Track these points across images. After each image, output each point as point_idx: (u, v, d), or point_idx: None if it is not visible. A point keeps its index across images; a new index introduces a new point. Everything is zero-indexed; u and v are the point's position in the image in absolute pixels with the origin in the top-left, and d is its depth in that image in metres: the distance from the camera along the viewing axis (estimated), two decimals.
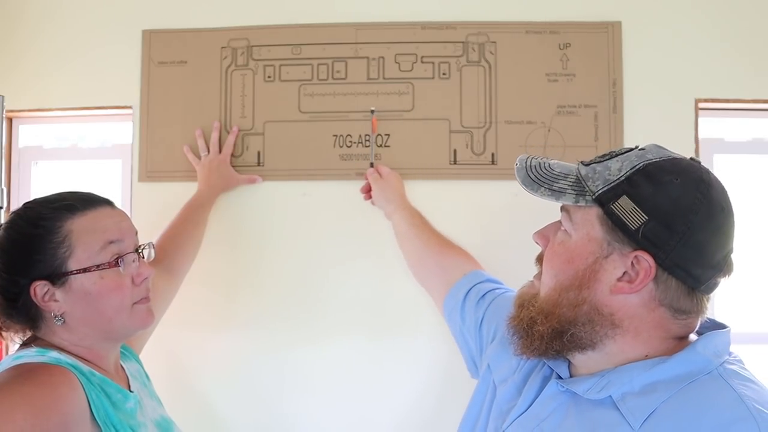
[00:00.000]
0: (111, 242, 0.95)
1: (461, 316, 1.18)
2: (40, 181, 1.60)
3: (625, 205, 0.79)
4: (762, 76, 1.44)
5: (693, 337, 0.83)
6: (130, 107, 1.51)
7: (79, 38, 1.53)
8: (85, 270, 0.93)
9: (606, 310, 0.81)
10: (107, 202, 1.00)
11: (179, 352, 1.47)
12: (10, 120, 1.57)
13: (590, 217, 0.81)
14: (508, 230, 1.41)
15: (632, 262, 0.79)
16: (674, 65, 1.44)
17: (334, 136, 1.47)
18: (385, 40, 1.47)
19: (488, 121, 1.45)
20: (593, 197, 0.81)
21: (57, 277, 0.92)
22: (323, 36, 1.48)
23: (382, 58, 1.47)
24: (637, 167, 0.80)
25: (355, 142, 1.47)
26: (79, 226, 0.94)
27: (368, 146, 1.46)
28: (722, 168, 1.49)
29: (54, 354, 0.92)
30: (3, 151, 1.36)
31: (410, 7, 1.48)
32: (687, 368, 0.78)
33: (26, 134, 1.60)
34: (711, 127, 1.49)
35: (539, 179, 0.85)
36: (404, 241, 1.38)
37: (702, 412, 0.73)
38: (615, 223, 0.79)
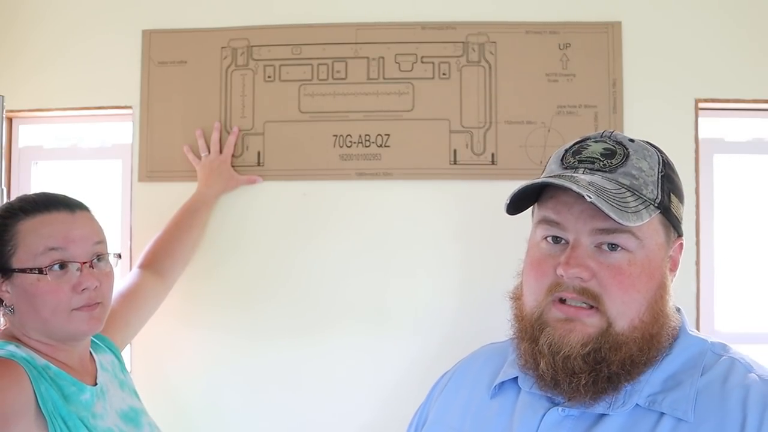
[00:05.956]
0: (52, 249, 0.98)
1: None
2: (40, 181, 1.59)
3: (674, 201, 0.81)
4: (762, 76, 1.44)
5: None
6: (130, 107, 1.51)
7: (79, 38, 1.52)
8: (22, 270, 0.97)
9: (672, 309, 0.81)
10: (68, 207, 1.02)
11: (179, 349, 1.47)
12: (10, 120, 1.57)
13: (654, 225, 0.78)
14: (509, 230, 1.41)
15: (673, 250, 0.82)
16: (674, 65, 1.44)
17: (334, 136, 1.47)
18: (385, 40, 1.47)
19: (488, 121, 1.45)
20: (656, 205, 0.78)
21: (4, 271, 0.98)
22: (323, 36, 1.48)
23: (382, 58, 1.47)
24: (661, 161, 0.81)
25: (355, 142, 1.46)
26: (26, 227, 0.99)
27: (368, 146, 1.46)
28: (722, 168, 1.49)
29: (11, 348, 0.96)
30: (3, 151, 1.36)
31: (410, 7, 1.47)
32: (690, 352, 0.79)
33: (26, 134, 1.60)
34: (711, 127, 1.48)
35: (619, 205, 0.74)
36: None
37: (740, 395, 0.74)
38: (672, 223, 0.81)
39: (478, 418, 0.88)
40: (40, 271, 0.97)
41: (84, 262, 1.00)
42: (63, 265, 0.98)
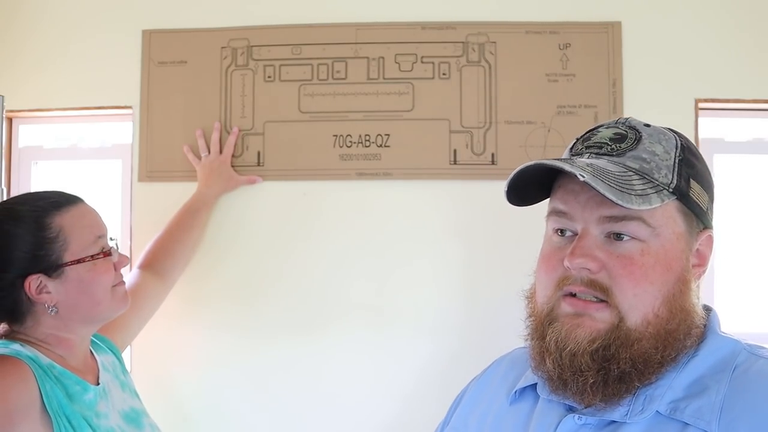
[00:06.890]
0: (99, 236, 1.05)
1: None
2: (40, 181, 1.59)
3: (695, 188, 0.75)
4: (762, 76, 1.44)
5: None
6: (130, 107, 1.51)
7: (79, 38, 1.52)
8: (79, 261, 1.01)
9: (695, 307, 0.74)
10: (79, 200, 1.08)
11: (179, 349, 1.47)
12: (10, 120, 1.57)
13: (670, 212, 0.73)
14: (509, 230, 1.41)
15: (700, 243, 0.76)
16: (674, 65, 1.44)
17: (334, 136, 1.47)
18: (385, 40, 1.47)
19: (488, 121, 1.45)
20: (671, 190, 0.72)
21: (53, 269, 0.99)
22: (323, 36, 1.48)
23: (382, 58, 1.47)
24: (680, 145, 0.76)
25: (355, 142, 1.46)
26: (66, 221, 1.02)
27: (368, 146, 1.46)
28: (722, 168, 1.49)
29: (16, 346, 0.97)
30: (3, 151, 1.37)
31: (410, 7, 1.48)
32: (720, 354, 0.73)
33: (26, 134, 1.60)
34: (711, 127, 1.48)
35: (621, 187, 0.69)
36: None
37: None
38: (693, 211, 0.74)
39: (496, 424, 0.84)
40: (105, 254, 1.03)
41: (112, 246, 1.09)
42: (110, 249, 1.06)
